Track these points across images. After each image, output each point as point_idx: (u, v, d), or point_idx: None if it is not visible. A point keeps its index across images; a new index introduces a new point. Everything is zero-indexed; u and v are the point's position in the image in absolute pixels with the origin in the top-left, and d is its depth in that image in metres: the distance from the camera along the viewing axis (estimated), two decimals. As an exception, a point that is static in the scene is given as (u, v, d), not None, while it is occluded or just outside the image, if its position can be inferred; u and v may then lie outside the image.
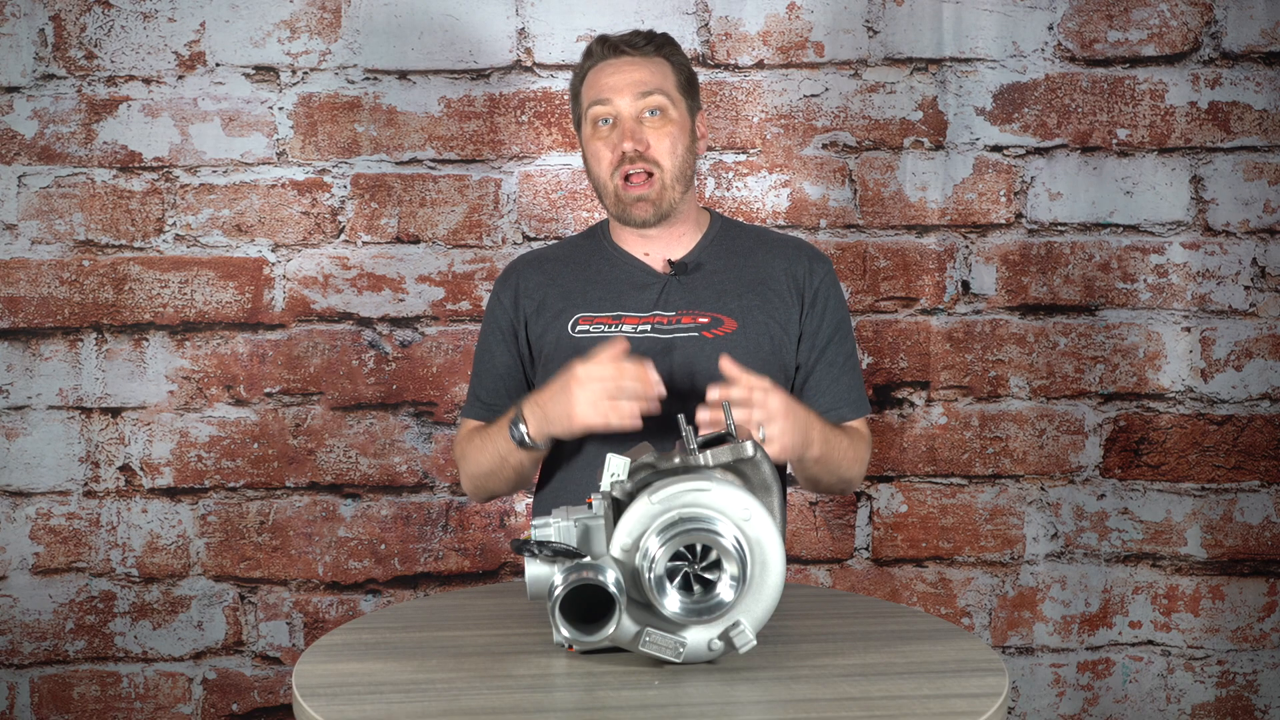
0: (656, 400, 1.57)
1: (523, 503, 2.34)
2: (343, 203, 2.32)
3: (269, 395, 2.32)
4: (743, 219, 2.30)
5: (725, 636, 1.27)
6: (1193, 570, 2.35)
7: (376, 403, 2.33)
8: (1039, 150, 2.33)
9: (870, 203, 2.33)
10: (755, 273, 1.82)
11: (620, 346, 1.59)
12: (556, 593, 1.24)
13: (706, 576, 1.24)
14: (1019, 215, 2.33)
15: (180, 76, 2.30)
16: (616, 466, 1.31)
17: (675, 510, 1.25)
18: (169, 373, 2.32)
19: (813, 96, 2.32)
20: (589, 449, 1.73)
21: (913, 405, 2.35)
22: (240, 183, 2.31)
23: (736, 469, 1.32)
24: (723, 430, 1.43)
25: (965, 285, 2.34)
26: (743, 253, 1.84)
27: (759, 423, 1.53)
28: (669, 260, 1.82)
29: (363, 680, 1.27)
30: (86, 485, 2.32)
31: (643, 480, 1.30)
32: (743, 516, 1.25)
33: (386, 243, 2.32)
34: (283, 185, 2.32)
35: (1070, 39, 2.32)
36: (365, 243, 2.32)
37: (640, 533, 1.25)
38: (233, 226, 2.31)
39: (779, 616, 1.32)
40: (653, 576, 1.23)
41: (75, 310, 2.31)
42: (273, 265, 2.32)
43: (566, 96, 2.30)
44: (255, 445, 2.33)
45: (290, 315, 2.32)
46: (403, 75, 2.31)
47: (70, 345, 2.31)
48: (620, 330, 1.76)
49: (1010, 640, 2.37)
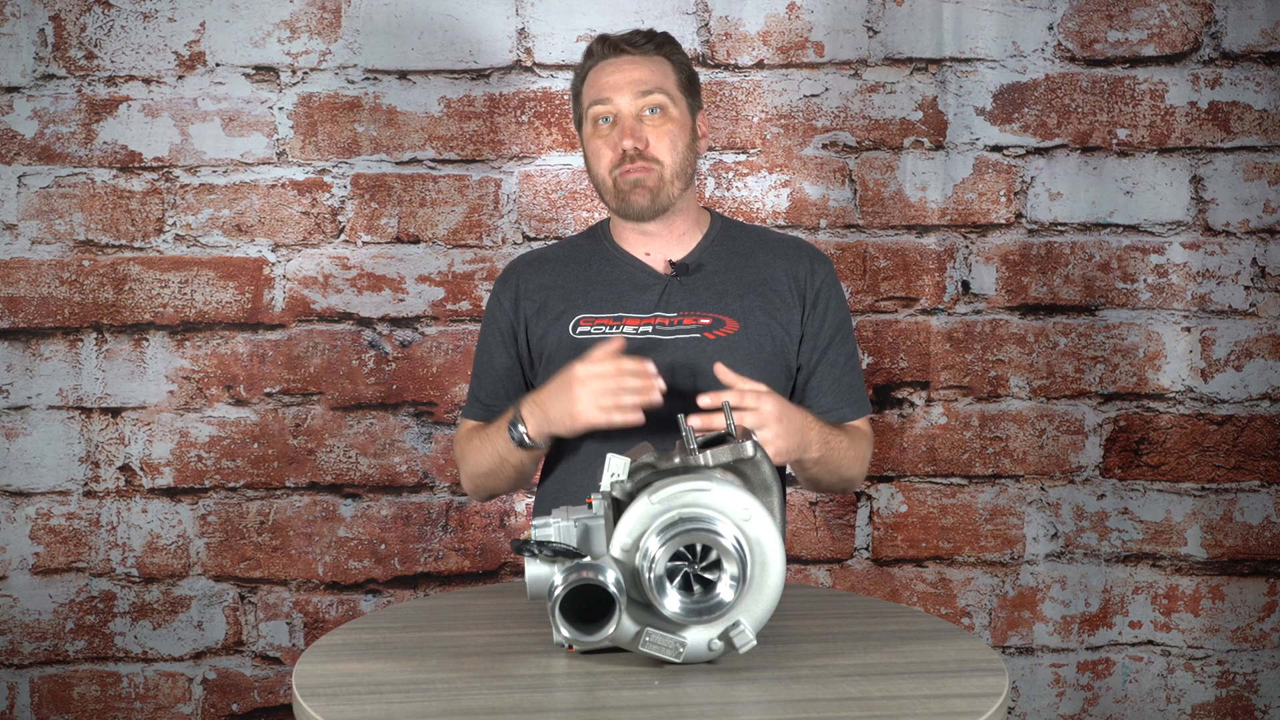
0: (658, 394, 1.58)
1: (523, 503, 2.34)
2: (343, 203, 2.32)
3: (269, 395, 2.32)
4: (743, 219, 2.30)
5: (725, 636, 1.26)
6: (1193, 570, 2.35)
7: (376, 403, 2.33)
8: (1039, 150, 2.33)
9: (870, 203, 2.33)
10: (756, 273, 1.82)
11: (617, 344, 1.60)
12: (556, 593, 1.24)
13: (706, 576, 1.24)
14: (1019, 215, 2.33)
15: (180, 76, 2.30)
16: (616, 466, 1.31)
17: (675, 510, 1.25)
18: (169, 373, 2.32)
19: (813, 96, 2.32)
20: (590, 445, 1.73)
21: (913, 405, 2.35)
22: (240, 183, 2.31)
23: (736, 469, 1.32)
24: (720, 431, 1.44)
25: (965, 285, 2.34)
26: (744, 253, 1.84)
27: (752, 428, 1.54)
28: (670, 261, 1.82)
29: (363, 680, 1.27)
30: (86, 485, 2.32)
31: (643, 480, 1.30)
32: (743, 516, 1.25)
33: (386, 243, 2.32)
34: (283, 185, 2.31)
35: (1070, 39, 2.31)
36: (365, 243, 2.32)
37: (640, 533, 1.25)
38: (233, 226, 2.31)
39: (779, 616, 1.32)
40: (653, 576, 1.23)
41: (75, 310, 2.31)
42: (273, 265, 2.32)
43: (567, 96, 2.30)
44: (255, 445, 2.33)
45: (290, 315, 2.32)
46: (403, 75, 2.31)
47: (70, 345, 2.31)
48: (621, 331, 1.76)
49: (1010, 640, 2.37)
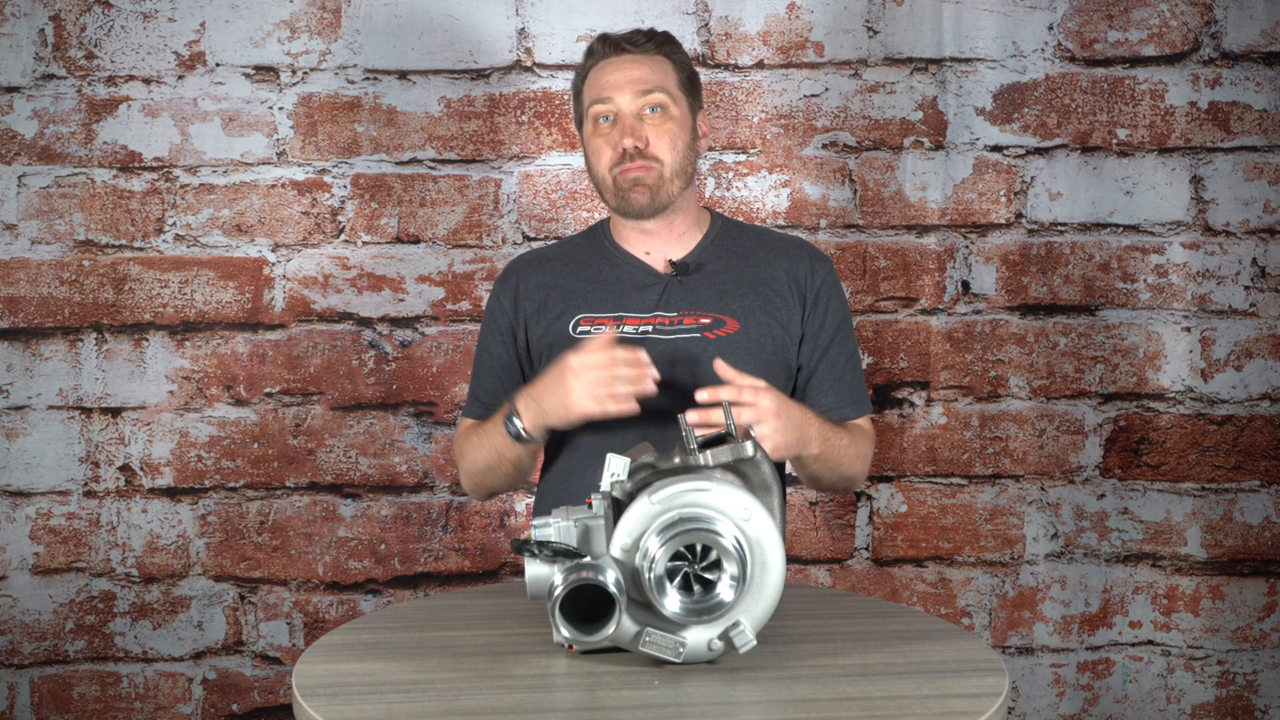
0: (651, 383, 1.58)
1: (523, 503, 2.34)
2: (343, 203, 2.32)
3: (269, 395, 2.32)
4: (743, 219, 2.30)
5: (725, 636, 1.26)
6: (1193, 570, 2.35)
7: (376, 403, 2.33)
8: (1039, 150, 2.33)
9: (870, 203, 2.33)
10: (756, 273, 1.82)
11: (610, 335, 1.61)
12: (556, 593, 1.24)
13: (706, 576, 1.24)
14: (1019, 215, 2.33)
15: (180, 76, 2.30)
16: (616, 466, 1.31)
17: (675, 510, 1.25)
18: (169, 373, 2.32)
19: (813, 96, 2.32)
20: (589, 443, 1.73)
21: (913, 405, 2.35)
22: (240, 183, 2.31)
23: (736, 469, 1.32)
24: (720, 431, 1.44)
25: (965, 285, 2.34)
26: (744, 253, 1.84)
27: (750, 423, 1.54)
28: (670, 260, 1.82)
29: (363, 680, 1.27)
30: (86, 485, 2.32)
31: (643, 480, 1.30)
32: (743, 516, 1.25)
33: (386, 243, 2.32)
34: (283, 185, 2.31)
35: (1070, 39, 2.31)
36: (365, 243, 2.32)
37: (640, 533, 1.25)
38: (233, 226, 2.31)
39: (779, 616, 1.32)
40: (653, 576, 1.23)
41: (75, 310, 2.31)
42: (273, 265, 2.32)
43: (567, 96, 2.30)
44: (255, 445, 2.33)
45: (290, 315, 2.32)
46: (403, 75, 2.31)
47: (70, 345, 2.31)
48: (621, 331, 1.76)
49: (1010, 640, 2.37)
